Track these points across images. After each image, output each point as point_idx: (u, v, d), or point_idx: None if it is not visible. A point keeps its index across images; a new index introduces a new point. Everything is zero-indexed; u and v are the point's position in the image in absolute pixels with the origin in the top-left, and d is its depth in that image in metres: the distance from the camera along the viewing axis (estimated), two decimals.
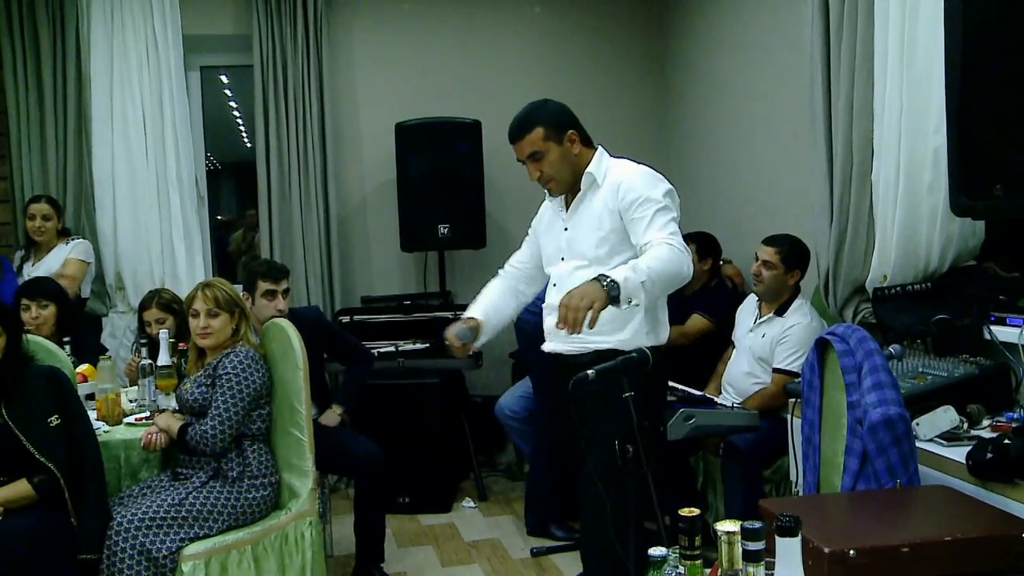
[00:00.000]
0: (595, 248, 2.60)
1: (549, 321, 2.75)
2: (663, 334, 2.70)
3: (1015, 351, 2.67)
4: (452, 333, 2.72)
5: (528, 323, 4.03)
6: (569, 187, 2.70)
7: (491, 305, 2.84)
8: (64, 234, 4.47)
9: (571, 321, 2.11)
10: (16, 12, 4.65)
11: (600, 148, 2.71)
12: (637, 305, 2.25)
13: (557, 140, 2.64)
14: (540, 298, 3.95)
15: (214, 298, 2.98)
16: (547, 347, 2.78)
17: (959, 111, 1.92)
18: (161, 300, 3.83)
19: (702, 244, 4.30)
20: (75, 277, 4.36)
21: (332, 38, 5.09)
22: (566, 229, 2.69)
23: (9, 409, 2.66)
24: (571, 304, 2.11)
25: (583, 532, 2.77)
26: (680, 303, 3.90)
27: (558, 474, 4.11)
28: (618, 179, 2.58)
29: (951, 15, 1.93)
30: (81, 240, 4.53)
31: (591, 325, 2.13)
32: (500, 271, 3.00)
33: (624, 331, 2.22)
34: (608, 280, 2.16)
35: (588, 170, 2.64)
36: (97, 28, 4.73)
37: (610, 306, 2.17)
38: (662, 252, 2.30)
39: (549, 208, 2.83)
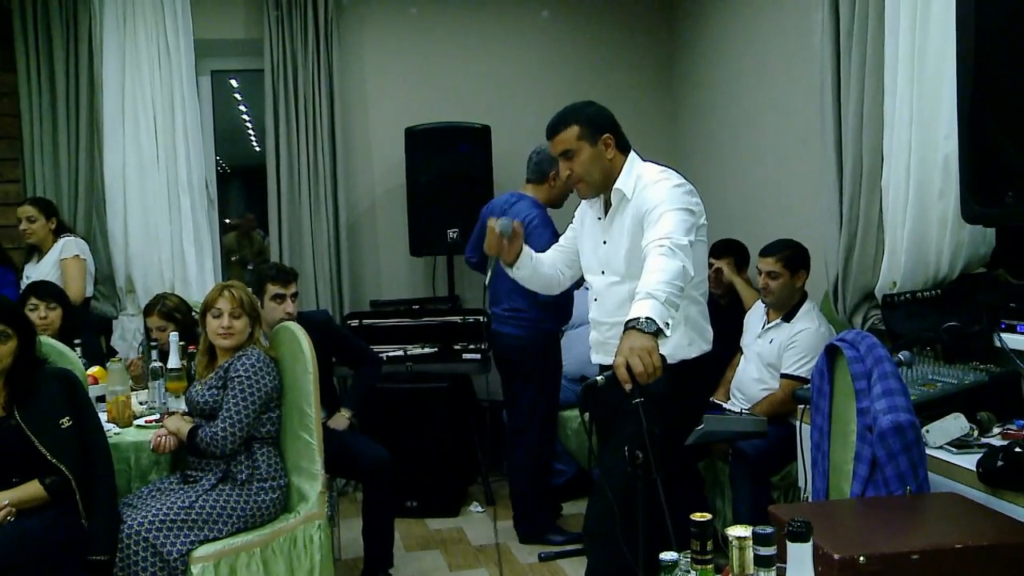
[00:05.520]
0: (626, 264, 2.59)
1: (595, 334, 2.75)
2: (705, 342, 2.69)
3: None
4: (495, 220, 2.69)
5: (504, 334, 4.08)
6: (599, 191, 2.68)
7: (533, 254, 2.84)
8: (59, 233, 4.46)
9: (648, 377, 2.10)
10: (30, 17, 4.68)
11: (632, 155, 2.67)
12: (673, 319, 2.25)
13: (591, 141, 2.61)
14: (508, 309, 3.98)
15: (239, 300, 3.00)
16: (595, 359, 2.78)
17: (971, 118, 1.92)
18: (163, 308, 3.84)
19: (738, 255, 4.31)
20: (77, 276, 4.36)
21: (342, 43, 5.11)
22: (604, 243, 2.68)
23: (22, 411, 2.68)
24: (639, 370, 2.09)
25: (588, 535, 2.76)
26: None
27: (542, 482, 4.13)
28: (643, 194, 2.56)
29: (963, 22, 1.93)
30: (70, 238, 4.48)
31: (658, 373, 2.13)
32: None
33: (666, 346, 2.20)
34: (641, 320, 2.14)
35: (617, 186, 2.61)
36: (110, 33, 4.77)
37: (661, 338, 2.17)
38: (656, 263, 2.29)
39: (589, 213, 2.79)
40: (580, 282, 2.96)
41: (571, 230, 2.88)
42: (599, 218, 2.73)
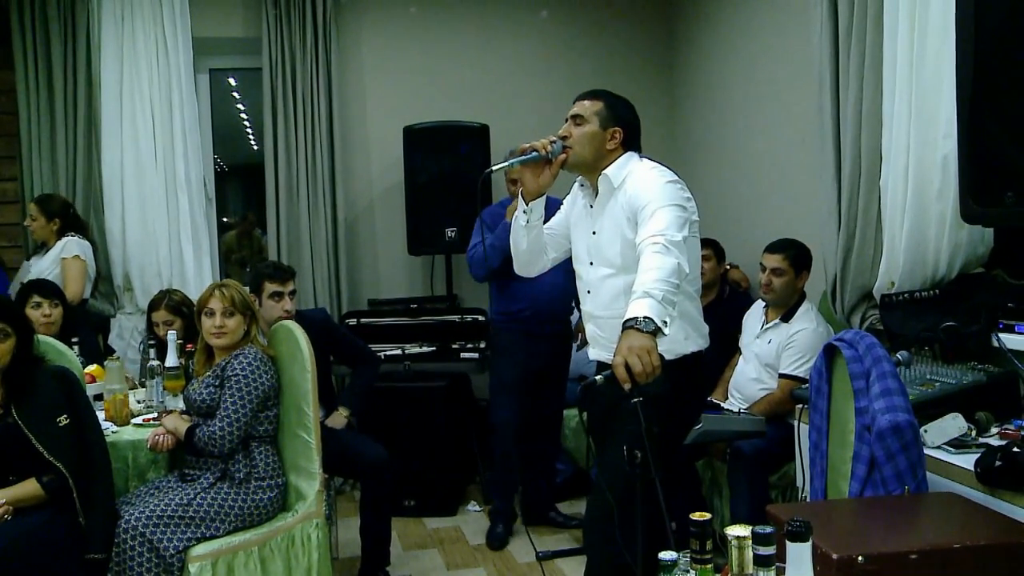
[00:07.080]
0: (620, 256, 2.59)
1: (591, 328, 2.74)
2: (701, 337, 2.69)
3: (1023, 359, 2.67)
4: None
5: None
6: (582, 169, 2.68)
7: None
8: (65, 232, 4.42)
9: (647, 376, 2.11)
10: (28, 14, 4.67)
11: (631, 153, 2.69)
12: (671, 317, 2.25)
13: (602, 123, 2.65)
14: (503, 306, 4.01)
15: (230, 298, 3.00)
16: (592, 354, 2.78)
17: (970, 118, 1.92)
18: (171, 302, 3.84)
19: (716, 249, 4.30)
20: (75, 276, 4.35)
21: (341, 41, 5.11)
22: (594, 233, 2.68)
23: (19, 409, 2.68)
24: (638, 370, 2.10)
25: (587, 535, 2.77)
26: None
27: (536, 467, 4.20)
28: (634, 188, 2.56)
29: (962, 21, 1.93)
30: (73, 238, 4.42)
31: (657, 372, 2.14)
32: None
33: (662, 342, 2.21)
34: (640, 320, 2.15)
35: (606, 172, 2.62)
36: (107, 30, 4.76)
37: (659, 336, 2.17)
38: (652, 260, 2.29)
39: (580, 198, 2.78)
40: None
41: (561, 213, 2.87)
42: (590, 206, 2.72)
